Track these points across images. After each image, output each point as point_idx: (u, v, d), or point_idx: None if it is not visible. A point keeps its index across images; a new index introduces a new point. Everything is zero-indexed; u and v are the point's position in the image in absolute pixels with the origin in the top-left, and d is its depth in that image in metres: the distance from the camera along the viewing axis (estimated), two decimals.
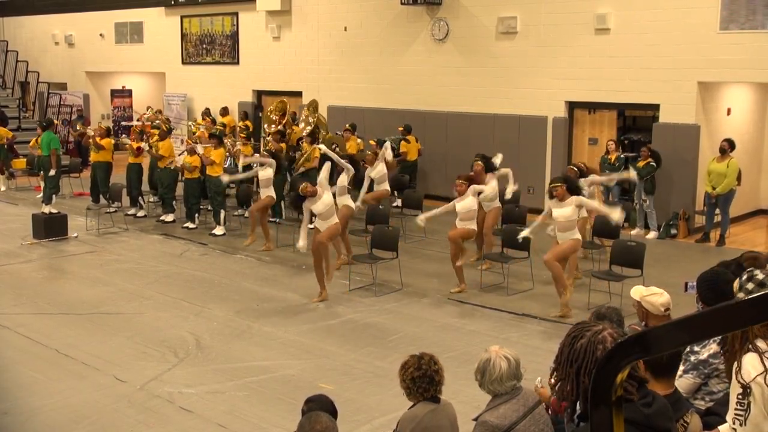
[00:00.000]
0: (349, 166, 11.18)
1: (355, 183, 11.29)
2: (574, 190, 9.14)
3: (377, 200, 12.72)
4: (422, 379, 4.12)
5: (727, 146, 12.56)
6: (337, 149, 14.73)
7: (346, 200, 11.14)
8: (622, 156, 13.44)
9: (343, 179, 11.14)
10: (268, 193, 12.49)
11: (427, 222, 10.51)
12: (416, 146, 15.78)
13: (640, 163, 13.01)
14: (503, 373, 3.85)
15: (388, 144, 13.39)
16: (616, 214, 9.24)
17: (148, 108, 20.91)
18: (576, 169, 11.00)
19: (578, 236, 9.15)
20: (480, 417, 3.88)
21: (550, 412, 4.13)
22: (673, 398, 3.37)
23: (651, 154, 12.96)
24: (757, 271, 3.57)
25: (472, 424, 3.97)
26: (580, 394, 2.37)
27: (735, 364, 3.31)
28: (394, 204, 14.49)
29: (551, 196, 9.20)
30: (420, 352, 4.28)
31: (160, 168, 14.38)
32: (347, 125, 15.57)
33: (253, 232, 12.53)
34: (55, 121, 18.06)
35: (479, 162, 11.39)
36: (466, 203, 10.04)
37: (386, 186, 13.04)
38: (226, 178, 13.00)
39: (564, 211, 9.01)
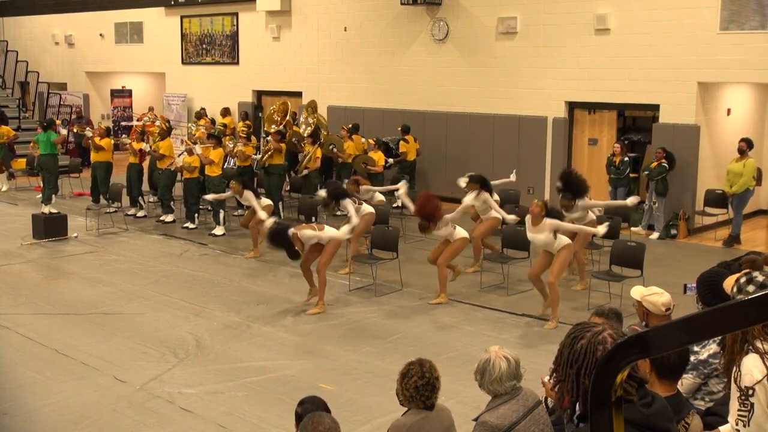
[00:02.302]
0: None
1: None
2: (554, 215, 8.88)
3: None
4: (426, 387, 4.04)
5: (745, 146, 12.57)
6: (335, 149, 14.77)
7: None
8: (626, 159, 13.41)
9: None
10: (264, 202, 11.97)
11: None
12: (414, 146, 15.78)
13: (653, 164, 13.00)
14: (503, 373, 3.85)
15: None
16: (601, 230, 9.17)
17: (150, 109, 20.93)
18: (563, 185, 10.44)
19: (566, 240, 8.82)
20: (480, 417, 3.88)
21: (551, 404, 4.11)
22: (675, 399, 3.37)
23: (666, 156, 12.88)
24: (756, 273, 3.56)
25: (472, 424, 3.97)
26: (580, 395, 2.37)
27: (735, 369, 3.30)
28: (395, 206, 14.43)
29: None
30: (418, 359, 4.20)
31: (159, 169, 14.39)
32: (343, 127, 15.55)
33: (257, 246, 11.92)
34: (57, 121, 18.06)
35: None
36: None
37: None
38: (210, 197, 12.59)
39: (538, 236, 8.80)
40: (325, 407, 4.10)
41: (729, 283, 3.68)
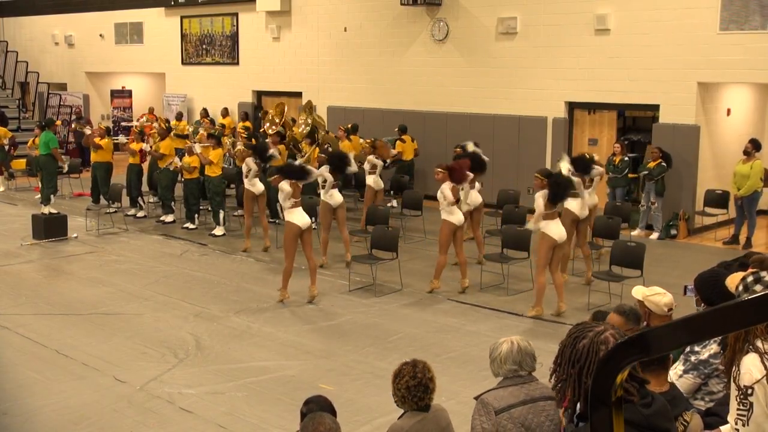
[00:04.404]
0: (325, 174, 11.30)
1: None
2: (554, 191, 8.94)
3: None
4: (417, 388, 4.04)
5: (751, 147, 12.52)
6: (329, 149, 14.76)
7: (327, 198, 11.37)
8: (626, 158, 13.41)
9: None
10: (251, 186, 12.36)
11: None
12: (412, 146, 15.79)
13: (651, 164, 12.98)
14: (502, 355, 3.92)
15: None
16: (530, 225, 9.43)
17: (150, 110, 20.98)
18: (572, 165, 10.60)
19: (546, 230, 8.89)
20: (480, 396, 3.92)
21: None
22: (669, 396, 3.36)
23: (662, 155, 12.91)
24: (764, 273, 3.54)
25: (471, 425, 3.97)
26: (582, 394, 2.36)
27: (734, 368, 3.30)
28: (389, 204, 14.43)
29: None
30: (413, 360, 4.22)
31: (159, 169, 14.40)
32: (340, 127, 15.58)
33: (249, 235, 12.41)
34: (57, 122, 18.07)
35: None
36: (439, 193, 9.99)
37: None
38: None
39: (535, 204, 9.12)
40: (330, 407, 4.09)
41: (733, 281, 3.65)
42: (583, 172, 10.48)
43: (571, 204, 10.07)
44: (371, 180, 13.12)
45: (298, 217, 9.58)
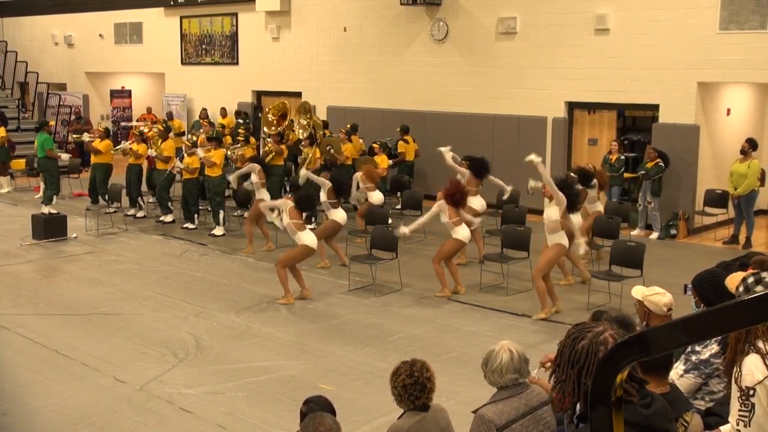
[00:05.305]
0: (325, 181, 11.27)
1: (338, 194, 11.41)
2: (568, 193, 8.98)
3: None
4: (414, 386, 4.03)
5: (748, 147, 12.53)
6: (332, 150, 14.74)
7: (332, 215, 11.17)
8: (622, 157, 13.44)
9: (322, 196, 11.21)
10: (259, 196, 12.30)
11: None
12: (414, 147, 15.78)
13: (649, 164, 12.99)
14: (503, 365, 3.87)
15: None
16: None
17: (148, 110, 20.99)
18: (575, 175, 10.66)
19: (563, 241, 8.96)
20: (479, 410, 3.88)
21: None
22: (670, 397, 3.35)
23: (659, 155, 12.92)
24: (765, 274, 3.54)
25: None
26: (581, 395, 2.36)
27: (735, 369, 3.30)
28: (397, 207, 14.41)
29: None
30: (411, 359, 4.21)
31: (156, 169, 14.40)
32: (341, 129, 15.57)
33: (251, 242, 12.34)
34: (51, 122, 18.06)
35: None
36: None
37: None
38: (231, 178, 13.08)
39: (548, 211, 8.97)
40: (330, 407, 4.09)
41: (733, 281, 3.66)
42: (585, 184, 10.60)
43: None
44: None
45: (309, 238, 9.73)
